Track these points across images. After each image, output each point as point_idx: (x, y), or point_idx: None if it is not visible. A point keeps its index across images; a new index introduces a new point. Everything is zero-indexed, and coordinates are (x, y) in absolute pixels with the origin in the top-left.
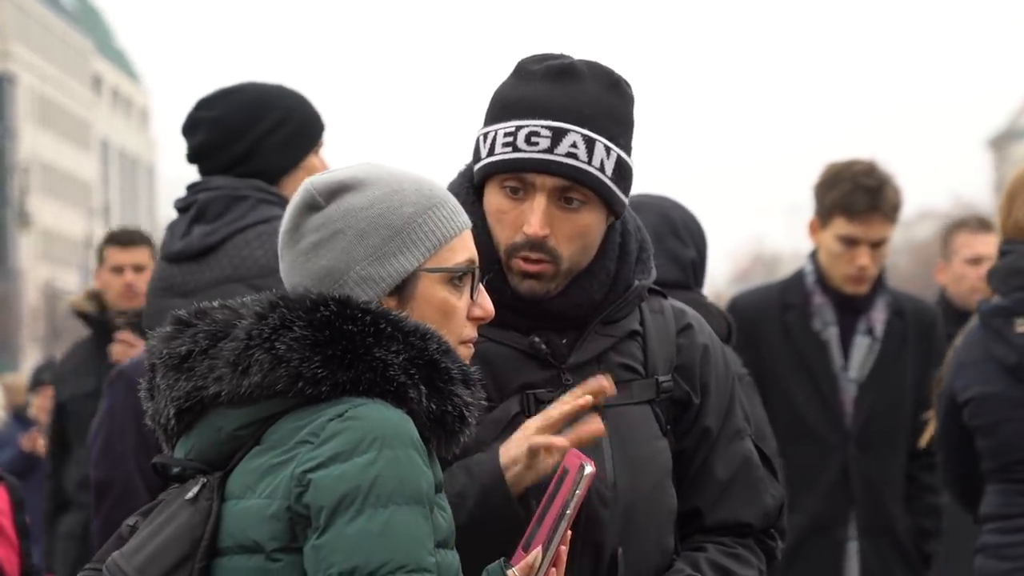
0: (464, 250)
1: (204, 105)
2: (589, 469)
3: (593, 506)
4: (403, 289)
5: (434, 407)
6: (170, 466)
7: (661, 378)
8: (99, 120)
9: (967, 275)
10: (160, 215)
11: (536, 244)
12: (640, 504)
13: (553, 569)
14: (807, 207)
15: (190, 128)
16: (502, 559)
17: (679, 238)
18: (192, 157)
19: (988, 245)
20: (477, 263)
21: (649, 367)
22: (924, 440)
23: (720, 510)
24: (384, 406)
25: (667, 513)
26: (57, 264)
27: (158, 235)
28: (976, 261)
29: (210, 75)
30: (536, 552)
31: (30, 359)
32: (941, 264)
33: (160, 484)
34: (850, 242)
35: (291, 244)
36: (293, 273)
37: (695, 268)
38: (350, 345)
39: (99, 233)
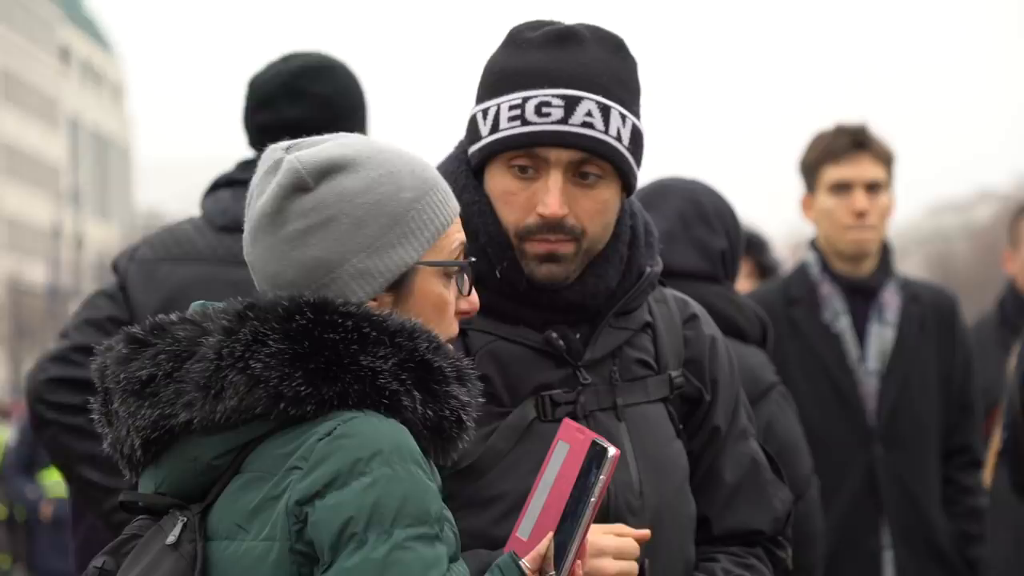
0: (457, 239)
1: (307, 76)
2: (613, 451)
3: (621, 516)
4: (400, 284)
5: (431, 413)
6: (139, 502)
7: (673, 374)
8: (68, 95)
9: None
10: (136, 200)
11: (554, 225)
12: (665, 511)
13: (579, 562)
14: None
15: (289, 97)
16: (512, 551)
17: (709, 225)
18: (281, 129)
19: None
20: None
21: (661, 362)
22: (987, 477)
23: (728, 517)
24: (377, 418)
25: (688, 520)
26: (23, 255)
27: (135, 223)
28: None
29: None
30: (547, 540)
31: None
32: (1008, 252)
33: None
34: (843, 188)
35: (272, 228)
36: (273, 261)
37: (725, 259)
38: (333, 355)
39: (68, 221)
